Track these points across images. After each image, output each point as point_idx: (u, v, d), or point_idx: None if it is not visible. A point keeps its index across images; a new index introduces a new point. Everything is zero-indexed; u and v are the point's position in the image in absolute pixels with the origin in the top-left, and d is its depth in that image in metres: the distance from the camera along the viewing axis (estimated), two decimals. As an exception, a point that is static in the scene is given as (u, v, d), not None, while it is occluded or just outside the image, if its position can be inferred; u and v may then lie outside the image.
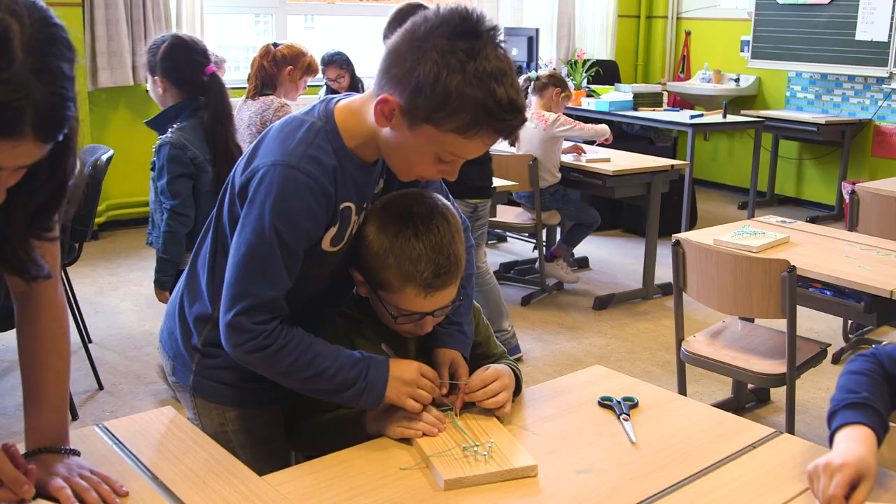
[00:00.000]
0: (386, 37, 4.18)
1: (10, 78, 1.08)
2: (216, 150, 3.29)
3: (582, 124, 5.19)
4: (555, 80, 5.27)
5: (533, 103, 5.22)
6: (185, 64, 3.29)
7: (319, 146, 1.62)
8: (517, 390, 1.88)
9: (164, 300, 3.28)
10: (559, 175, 5.23)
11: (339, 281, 1.82)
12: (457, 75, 1.48)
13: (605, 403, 1.88)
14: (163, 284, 3.37)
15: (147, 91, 3.44)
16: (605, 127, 5.28)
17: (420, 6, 4.18)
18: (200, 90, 3.30)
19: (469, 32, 1.50)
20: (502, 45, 1.54)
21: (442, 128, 1.53)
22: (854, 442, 1.50)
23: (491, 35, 1.52)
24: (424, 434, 1.69)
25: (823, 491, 1.44)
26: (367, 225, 1.73)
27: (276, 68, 4.31)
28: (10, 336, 4.40)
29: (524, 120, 1.57)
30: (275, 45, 4.39)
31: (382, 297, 1.75)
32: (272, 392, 1.80)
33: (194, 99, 3.30)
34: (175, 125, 3.27)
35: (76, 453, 1.52)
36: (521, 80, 5.43)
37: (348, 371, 1.67)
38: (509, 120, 1.54)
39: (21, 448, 1.52)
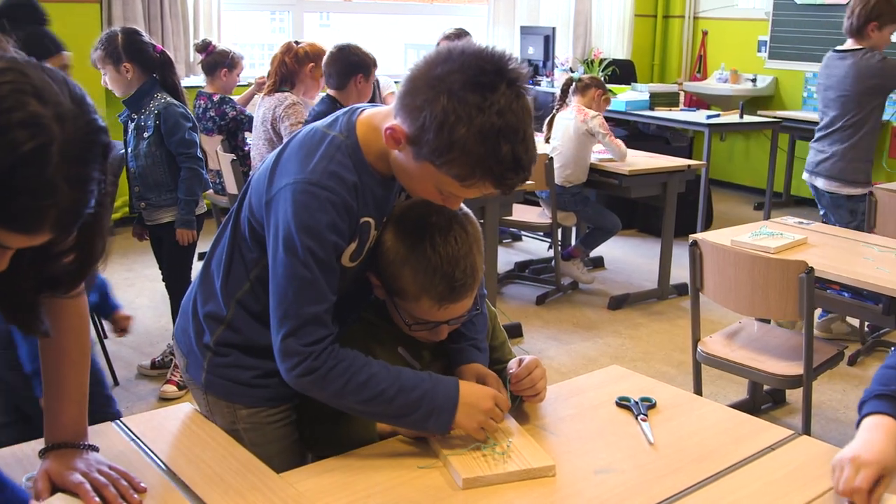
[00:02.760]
0: (328, 75, 4.26)
1: (42, 185, 1.08)
2: None
3: (614, 137, 5.19)
4: (597, 83, 5.36)
5: (573, 102, 5.26)
6: (144, 47, 3.72)
7: (340, 162, 1.62)
8: None
9: (191, 238, 3.86)
10: (585, 177, 5.23)
11: (360, 286, 1.82)
12: (462, 127, 1.46)
13: (622, 404, 1.88)
14: (191, 224, 3.83)
15: (105, 82, 3.81)
16: (626, 151, 5.26)
17: (344, 48, 4.19)
18: (156, 68, 3.75)
19: (484, 85, 1.47)
20: (523, 95, 1.51)
21: (441, 171, 1.53)
22: (878, 433, 1.51)
23: (511, 87, 1.49)
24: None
25: (847, 481, 1.45)
26: (386, 232, 1.72)
27: (298, 65, 4.36)
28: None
29: (526, 178, 1.55)
30: (297, 42, 4.42)
31: (398, 303, 1.74)
32: (283, 391, 1.79)
33: (152, 76, 3.75)
34: (157, 96, 3.73)
35: (95, 449, 1.53)
36: (563, 80, 5.47)
37: (409, 393, 1.63)
38: (510, 179, 1.53)
39: (39, 444, 1.53)
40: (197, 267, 4.05)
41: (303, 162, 1.62)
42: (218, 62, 5.17)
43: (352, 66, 4.12)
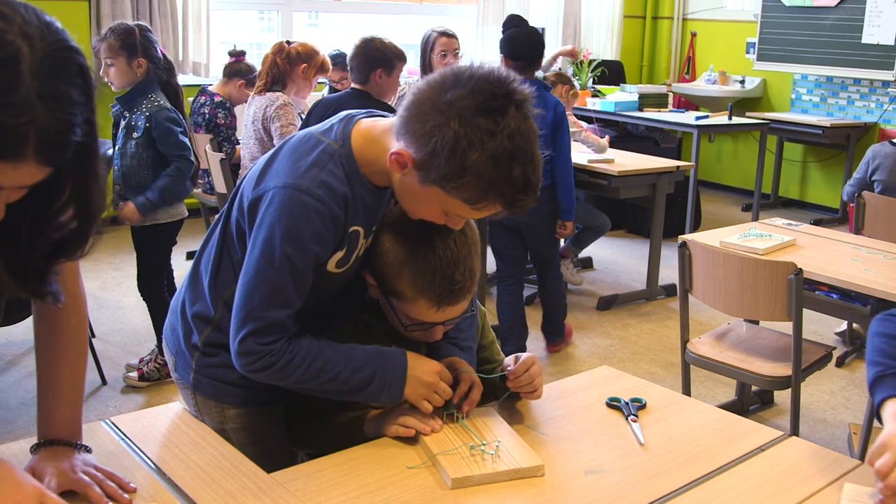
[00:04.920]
0: (351, 69, 4.11)
1: (15, 102, 1.06)
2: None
3: (588, 131, 5.18)
4: (563, 79, 5.36)
5: None
6: (155, 47, 3.76)
7: (332, 171, 1.61)
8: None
9: (135, 218, 3.72)
10: None
11: (351, 289, 1.82)
12: (475, 152, 1.46)
13: (612, 404, 1.88)
14: (146, 211, 3.72)
15: (104, 73, 3.76)
16: (606, 143, 5.25)
17: (368, 40, 4.08)
18: (160, 69, 3.76)
19: (495, 109, 1.47)
20: (530, 117, 1.52)
21: (451, 194, 1.53)
22: None
23: (518, 110, 1.49)
24: (424, 433, 1.69)
25: (888, 465, 1.44)
26: (385, 233, 1.72)
27: (290, 66, 4.33)
28: (11, 330, 4.38)
29: (536, 199, 1.55)
30: (288, 42, 4.40)
31: (394, 304, 1.74)
32: (272, 391, 1.78)
33: (150, 76, 3.73)
34: (151, 97, 3.70)
35: (88, 450, 1.52)
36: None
37: (362, 371, 1.67)
38: (521, 200, 1.53)
39: (27, 443, 1.52)
40: (174, 266, 4.08)
41: (294, 167, 1.62)
42: (238, 72, 5.22)
43: (371, 61, 3.97)
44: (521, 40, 4.23)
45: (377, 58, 3.98)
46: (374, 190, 1.67)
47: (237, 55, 5.30)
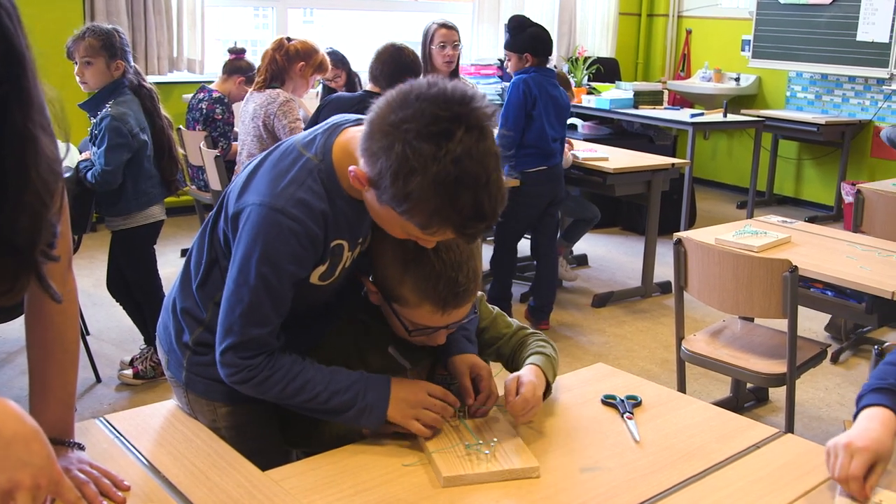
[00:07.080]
0: (371, 72, 4.12)
1: None
2: (152, 121, 3.78)
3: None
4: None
5: None
6: (129, 51, 3.76)
7: (310, 188, 1.60)
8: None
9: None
10: None
11: (345, 293, 1.81)
12: (417, 177, 1.42)
13: (608, 402, 1.88)
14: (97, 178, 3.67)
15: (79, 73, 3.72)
16: (569, 158, 5.22)
17: (401, 49, 4.09)
18: (130, 72, 3.75)
19: (438, 134, 1.41)
20: (486, 138, 1.45)
21: (402, 217, 1.49)
22: (873, 422, 1.54)
23: (470, 132, 1.43)
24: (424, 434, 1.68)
25: (842, 468, 1.49)
26: (385, 239, 1.70)
27: (288, 63, 4.32)
28: (5, 328, 4.35)
29: (491, 225, 1.50)
30: (288, 39, 4.39)
31: (397, 310, 1.73)
32: None
33: (121, 80, 3.71)
34: (111, 102, 3.64)
35: (81, 448, 1.51)
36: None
37: (343, 395, 1.66)
38: (471, 228, 1.49)
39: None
40: (172, 264, 4.05)
41: (272, 183, 1.61)
42: (238, 69, 5.22)
43: (403, 68, 4.00)
44: (547, 40, 4.65)
45: (409, 66, 4.04)
46: (355, 203, 1.64)
47: (237, 52, 5.30)
